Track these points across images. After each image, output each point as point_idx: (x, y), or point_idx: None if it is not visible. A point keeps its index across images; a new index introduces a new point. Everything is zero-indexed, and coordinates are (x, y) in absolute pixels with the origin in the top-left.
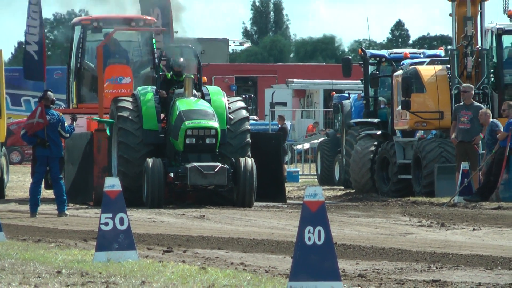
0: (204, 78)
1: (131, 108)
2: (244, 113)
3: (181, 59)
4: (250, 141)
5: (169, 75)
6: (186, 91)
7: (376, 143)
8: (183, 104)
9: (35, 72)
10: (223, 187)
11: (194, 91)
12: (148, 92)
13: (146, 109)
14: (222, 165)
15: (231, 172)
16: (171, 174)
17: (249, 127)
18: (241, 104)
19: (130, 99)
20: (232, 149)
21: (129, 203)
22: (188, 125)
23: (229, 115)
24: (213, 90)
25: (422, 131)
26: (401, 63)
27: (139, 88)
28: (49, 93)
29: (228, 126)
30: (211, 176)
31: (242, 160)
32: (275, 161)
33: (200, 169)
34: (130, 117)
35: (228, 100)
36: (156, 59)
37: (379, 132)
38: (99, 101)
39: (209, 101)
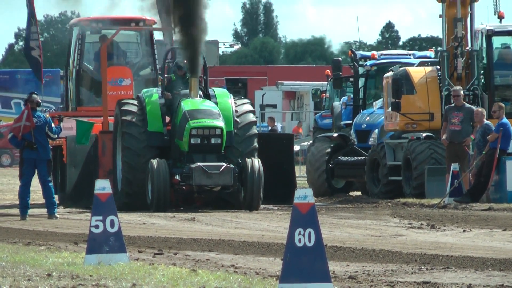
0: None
1: (136, 111)
2: (251, 117)
3: (184, 61)
4: (257, 146)
5: (174, 77)
6: (192, 91)
7: (332, 145)
8: (188, 104)
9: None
10: (229, 188)
11: (200, 92)
12: (153, 94)
13: (151, 111)
14: (228, 165)
15: (237, 172)
16: (177, 177)
17: (256, 131)
18: (249, 107)
19: (135, 101)
20: (239, 154)
21: (134, 209)
22: (193, 125)
23: (236, 119)
24: (220, 92)
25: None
26: (365, 64)
27: (144, 90)
28: (34, 95)
29: (235, 130)
30: (216, 176)
31: (249, 160)
32: (287, 162)
33: (204, 168)
34: (134, 121)
35: (235, 103)
36: (157, 61)
37: (335, 135)
38: (103, 103)
39: (216, 103)
